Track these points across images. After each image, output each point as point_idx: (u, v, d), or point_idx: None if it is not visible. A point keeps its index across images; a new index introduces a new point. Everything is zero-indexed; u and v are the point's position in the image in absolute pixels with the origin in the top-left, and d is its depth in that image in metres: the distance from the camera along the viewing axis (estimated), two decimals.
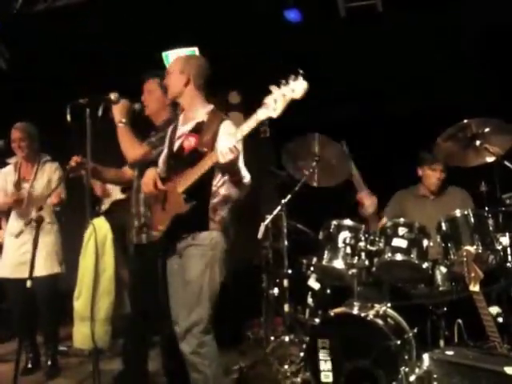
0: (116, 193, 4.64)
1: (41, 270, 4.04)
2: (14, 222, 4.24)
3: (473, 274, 2.83)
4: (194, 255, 2.95)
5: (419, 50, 4.85)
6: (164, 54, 5.72)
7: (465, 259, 2.89)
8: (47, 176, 4.30)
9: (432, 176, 4.09)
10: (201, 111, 3.10)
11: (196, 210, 2.90)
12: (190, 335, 2.89)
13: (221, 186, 3.01)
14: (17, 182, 4.28)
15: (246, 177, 2.95)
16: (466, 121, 3.49)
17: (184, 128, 3.14)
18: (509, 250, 3.42)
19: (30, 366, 4.20)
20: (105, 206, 4.66)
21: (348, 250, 3.63)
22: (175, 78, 3.13)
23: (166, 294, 3.12)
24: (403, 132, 4.83)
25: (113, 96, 3.21)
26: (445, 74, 4.79)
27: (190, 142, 3.02)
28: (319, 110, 5.14)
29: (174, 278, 3.08)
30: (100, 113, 3.18)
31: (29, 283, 3.24)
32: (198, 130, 3.04)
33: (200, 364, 2.90)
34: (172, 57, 5.68)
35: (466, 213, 3.49)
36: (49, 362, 4.17)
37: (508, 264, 3.41)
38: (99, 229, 3.29)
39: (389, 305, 3.48)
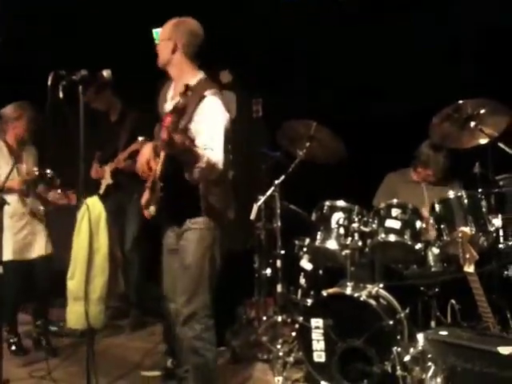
0: (108, 178, 4.57)
1: (41, 250, 4.03)
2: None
3: (468, 255, 2.83)
4: (193, 240, 2.88)
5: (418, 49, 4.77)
6: (154, 30, 5.61)
7: (460, 240, 2.89)
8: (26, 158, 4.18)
9: (423, 175, 4.05)
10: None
11: (186, 197, 2.82)
12: (193, 321, 2.86)
13: None
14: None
15: (213, 158, 2.72)
16: (461, 101, 3.48)
17: (169, 105, 2.93)
18: (501, 231, 3.43)
19: (13, 348, 4.09)
20: (102, 189, 4.60)
21: (341, 230, 3.64)
22: (163, 45, 2.94)
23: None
24: (402, 132, 4.78)
25: (105, 73, 3.13)
26: (444, 74, 4.72)
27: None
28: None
29: (170, 255, 3.03)
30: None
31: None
32: (175, 111, 2.62)
33: (202, 348, 2.88)
34: None
35: (459, 194, 3.50)
36: (43, 343, 4.09)
37: (500, 245, 3.43)
38: (93, 208, 3.26)
39: (381, 285, 3.52)
